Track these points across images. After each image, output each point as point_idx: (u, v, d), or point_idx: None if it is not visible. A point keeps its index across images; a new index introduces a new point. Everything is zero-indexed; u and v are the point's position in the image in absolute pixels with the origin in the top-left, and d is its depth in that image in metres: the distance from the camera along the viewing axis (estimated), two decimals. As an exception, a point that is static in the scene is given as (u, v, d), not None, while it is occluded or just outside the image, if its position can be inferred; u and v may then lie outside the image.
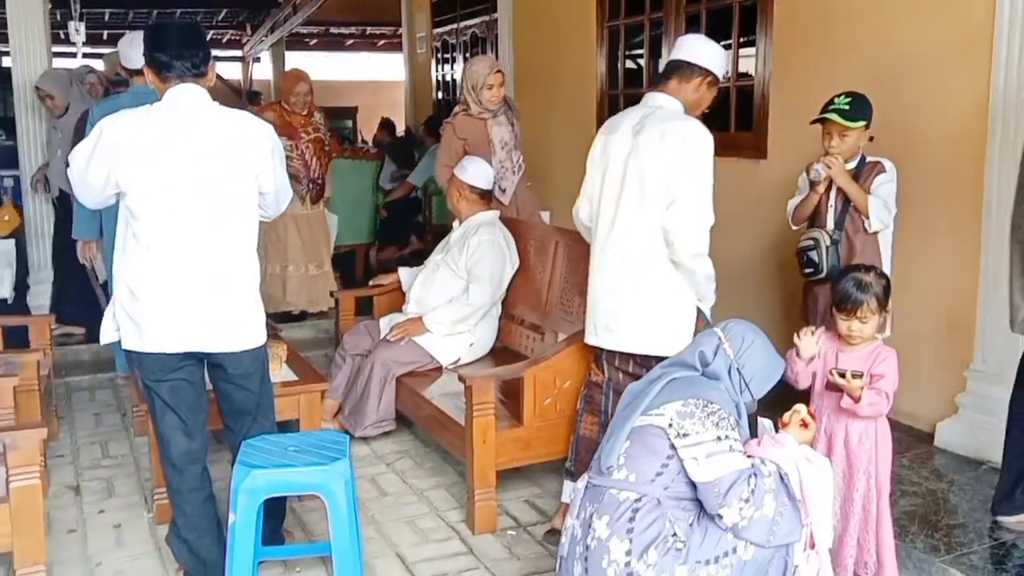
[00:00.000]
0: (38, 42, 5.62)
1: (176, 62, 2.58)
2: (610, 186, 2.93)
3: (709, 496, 2.18)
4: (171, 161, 2.53)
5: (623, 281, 2.90)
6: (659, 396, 2.29)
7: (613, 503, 2.24)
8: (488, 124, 4.52)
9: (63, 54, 10.41)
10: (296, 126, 5.42)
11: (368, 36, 15.81)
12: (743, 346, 2.38)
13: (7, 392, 3.08)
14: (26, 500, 2.57)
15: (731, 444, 2.21)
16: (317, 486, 2.57)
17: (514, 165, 4.61)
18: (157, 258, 2.56)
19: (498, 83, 4.47)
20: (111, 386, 4.89)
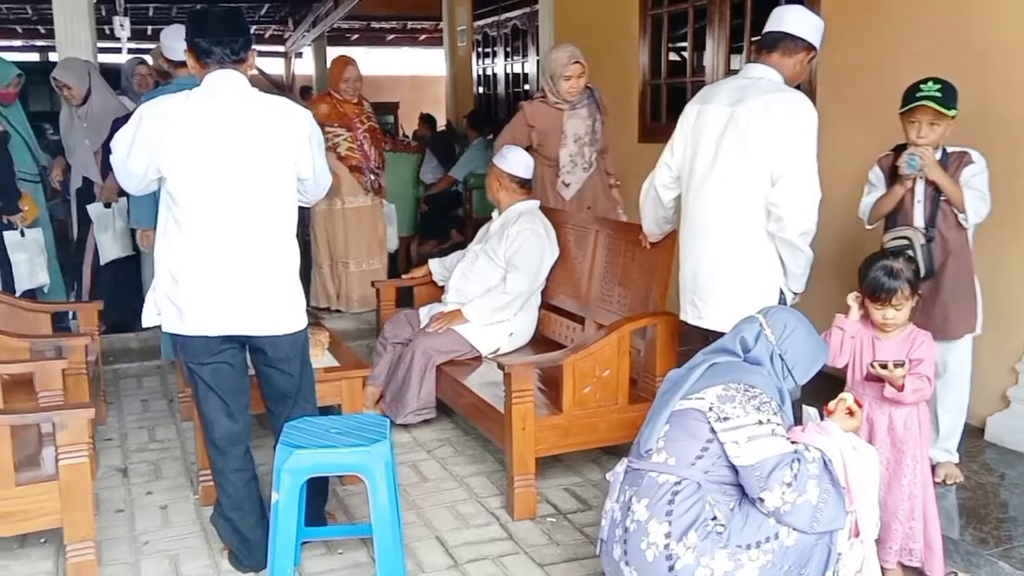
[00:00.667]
0: (84, 37, 5.73)
1: (216, 48, 2.60)
2: (703, 158, 2.88)
3: (751, 480, 2.17)
4: (210, 146, 2.56)
5: (713, 257, 2.86)
6: (700, 381, 2.29)
7: (652, 486, 2.24)
8: (564, 115, 4.40)
9: (108, 49, 10.61)
10: (351, 116, 5.35)
11: (409, 31, 15.89)
12: (785, 332, 2.36)
13: (56, 375, 3.14)
14: (75, 478, 2.63)
15: (773, 428, 2.19)
16: (358, 467, 2.59)
17: (586, 161, 4.46)
18: (197, 242, 2.60)
19: (576, 74, 4.34)
20: (158, 373, 4.99)
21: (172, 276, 2.63)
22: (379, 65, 18.61)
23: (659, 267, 3.44)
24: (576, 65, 4.34)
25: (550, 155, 4.51)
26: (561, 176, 4.46)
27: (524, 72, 8.04)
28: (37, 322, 4.01)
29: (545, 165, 4.54)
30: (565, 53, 4.40)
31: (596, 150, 4.49)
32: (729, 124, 2.81)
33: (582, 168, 4.47)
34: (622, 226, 3.86)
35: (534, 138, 4.48)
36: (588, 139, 4.45)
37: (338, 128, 5.28)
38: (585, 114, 4.43)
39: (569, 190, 4.48)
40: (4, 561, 2.91)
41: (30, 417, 2.76)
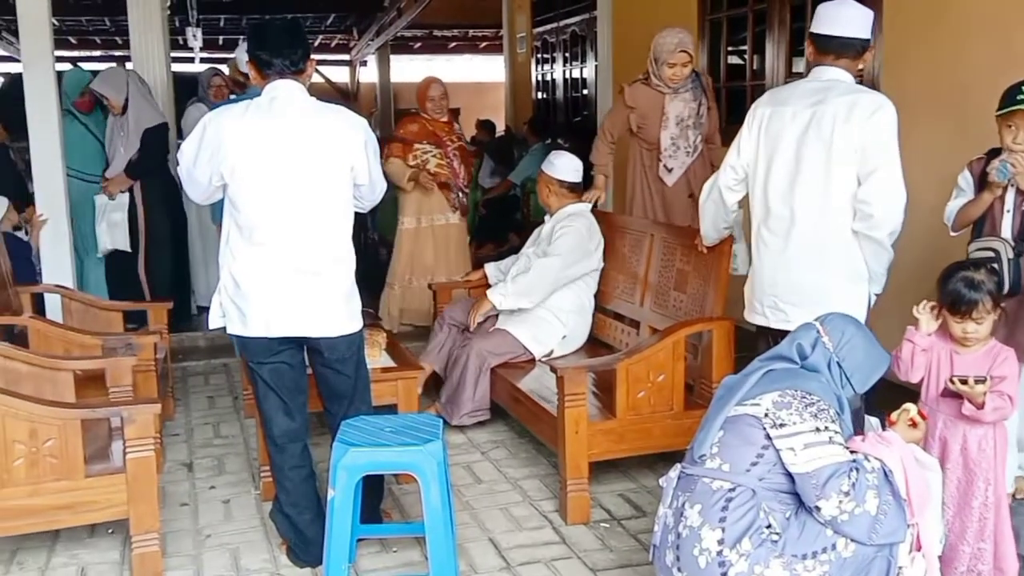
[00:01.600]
0: (157, 48, 5.93)
1: (275, 59, 2.70)
2: (783, 159, 2.85)
3: (807, 488, 2.13)
4: (268, 152, 2.65)
5: (803, 259, 2.83)
6: (755, 387, 2.25)
7: (706, 492, 2.22)
8: (667, 97, 4.27)
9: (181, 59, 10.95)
10: (440, 134, 5.31)
11: (470, 38, 16.03)
12: (843, 339, 2.32)
13: (126, 371, 3.25)
14: (141, 471, 2.73)
15: (831, 436, 2.15)
16: (411, 466, 2.63)
17: (689, 145, 4.30)
18: (257, 246, 2.68)
19: (681, 63, 4.19)
20: (224, 370, 5.14)
21: (234, 279, 2.73)
22: (440, 72, 18.82)
23: (716, 271, 3.42)
24: (682, 54, 4.19)
25: (650, 138, 4.39)
26: (663, 160, 4.31)
27: (583, 77, 8.06)
28: (109, 320, 4.18)
29: (644, 148, 4.45)
30: (673, 39, 4.21)
31: (701, 135, 4.33)
32: (811, 125, 2.78)
33: (685, 152, 4.31)
34: (678, 230, 3.84)
35: (633, 120, 4.36)
36: (692, 122, 4.28)
37: (427, 145, 5.25)
38: (689, 97, 4.28)
39: (671, 175, 4.34)
40: (74, 550, 3.03)
41: (100, 411, 2.85)
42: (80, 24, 12.55)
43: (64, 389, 3.11)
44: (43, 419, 2.64)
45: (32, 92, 4.72)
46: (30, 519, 2.69)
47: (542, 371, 3.89)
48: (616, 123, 4.41)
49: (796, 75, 4.88)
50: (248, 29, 2.89)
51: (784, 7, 4.91)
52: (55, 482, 2.67)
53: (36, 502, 2.66)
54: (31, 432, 2.63)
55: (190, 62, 11.73)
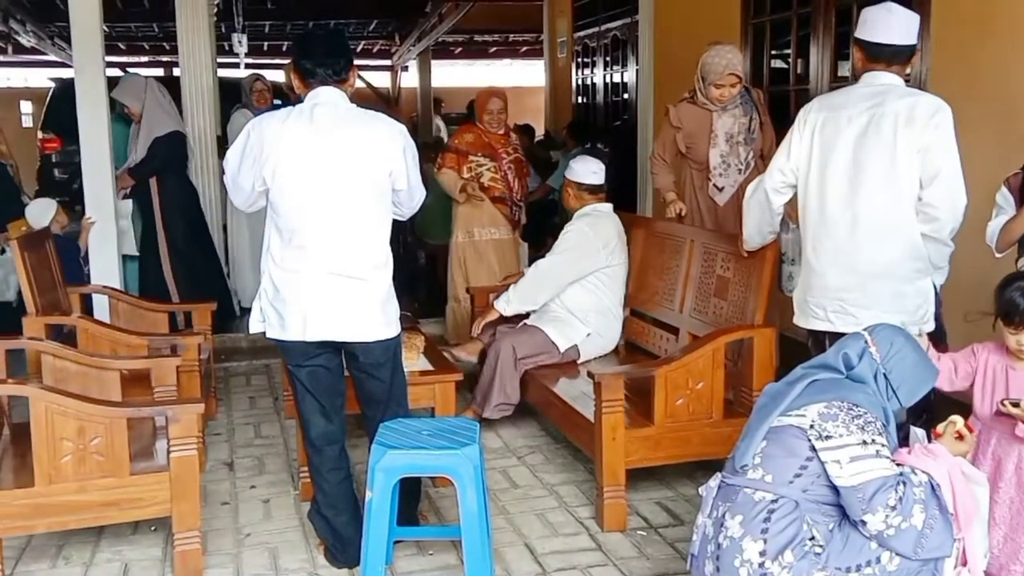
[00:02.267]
0: (204, 54, 6.04)
1: (319, 69, 2.75)
2: (839, 164, 2.82)
3: (853, 501, 2.10)
4: (307, 156, 2.69)
5: (870, 260, 2.80)
6: (800, 397, 2.22)
7: (748, 502, 2.19)
8: (714, 115, 4.13)
9: (227, 64, 11.13)
10: (496, 146, 5.14)
11: (511, 43, 16.07)
12: (891, 350, 2.27)
13: (171, 371, 3.31)
14: (184, 469, 2.77)
15: (877, 449, 2.11)
16: (448, 469, 2.65)
17: (740, 162, 4.13)
18: (295, 250, 2.72)
19: (729, 84, 4.05)
20: (265, 372, 5.22)
21: (273, 284, 2.78)
22: (480, 77, 18.90)
23: (758, 278, 3.38)
24: (731, 76, 4.04)
25: (699, 158, 4.23)
26: (713, 179, 4.15)
27: (624, 81, 8.03)
28: (155, 321, 4.27)
29: (693, 169, 4.31)
30: (722, 60, 4.05)
31: (752, 151, 4.14)
32: (870, 128, 2.76)
33: (736, 169, 4.13)
34: (719, 236, 3.80)
35: (680, 141, 4.22)
36: (743, 138, 4.12)
37: (482, 158, 5.09)
38: (739, 112, 4.13)
39: (723, 195, 4.16)
40: (118, 546, 3.09)
41: (145, 410, 2.92)
42: (129, 30, 12.81)
43: (111, 388, 3.17)
44: (91, 417, 2.70)
45: (83, 97, 4.83)
46: (77, 515, 2.75)
47: (579, 376, 3.88)
48: (666, 145, 4.30)
49: (841, 79, 4.82)
50: (293, 39, 2.91)
51: (829, 11, 4.84)
52: (101, 479, 2.73)
53: (83, 498, 2.73)
54: (79, 430, 2.69)
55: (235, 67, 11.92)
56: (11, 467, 2.89)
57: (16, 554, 3.01)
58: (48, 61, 14.39)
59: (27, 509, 2.69)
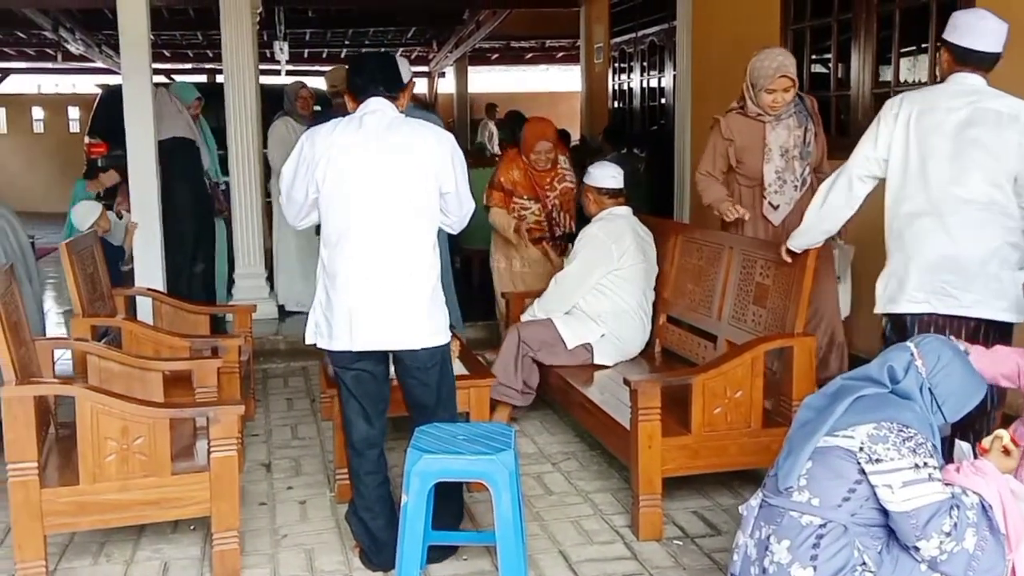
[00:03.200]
0: (247, 61, 6.12)
1: (370, 86, 2.85)
2: (943, 153, 2.87)
3: (905, 527, 2.06)
4: (355, 160, 2.75)
5: (971, 245, 2.82)
6: (847, 415, 2.16)
7: (794, 527, 2.15)
8: (767, 126, 3.86)
9: (268, 71, 11.29)
10: (543, 185, 4.85)
11: (547, 49, 16.09)
12: (938, 365, 2.22)
13: (212, 373, 3.36)
14: (224, 470, 2.81)
15: (930, 472, 2.07)
16: (483, 474, 2.65)
17: (797, 178, 3.85)
18: (344, 259, 2.76)
19: (782, 88, 3.76)
20: (303, 373, 5.28)
21: (325, 292, 2.84)
22: (516, 82, 18.96)
23: (798, 286, 3.35)
24: (783, 79, 3.75)
25: (752, 173, 3.93)
26: (768, 197, 3.86)
27: (660, 87, 8.01)
28: (196, 323, 4.34)
29: (744, 186, 3.99)
30: (772, 63, 3.77)
31: (808, 164, 3.88)
32: (973, 120, 2.83)
33: (792, 186, 3.85)
34: (759, 243, 3.76)
35: (731, 154, 3.93)
36: (798, 152, 3.85)
37: (527, 200, 4.85)
38: (793, 123, 3.84)
39: (777, 213, 3.87)
40: (158, 544, 3.14)
41: (187, 411, 2.97)
42: (174, 38, 13.05)
43: (153, 389, 3.23)
44: (134, 417, 2.76)
45: (130, 103, 4.93)
46: (119, 513, 2.80)
47: (612, 381, 3.87)
48: (716, 159, 3.99)
49: (883, 84, 4.77)
50: (348, 62, 3.05)
51: (871, 17, 4.79)
52: (143, 478, 2.78)
53: (125, 497, 2.78)
54: (123, 430, 2.74)
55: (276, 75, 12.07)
56: (56, 465, 2.95)
57: (59, 551, 3.06)
58: (96, 68, 14.71)
59: (71, 507, 2.74)
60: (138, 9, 4.91)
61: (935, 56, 3.15)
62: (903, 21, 4.57)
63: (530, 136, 4.81)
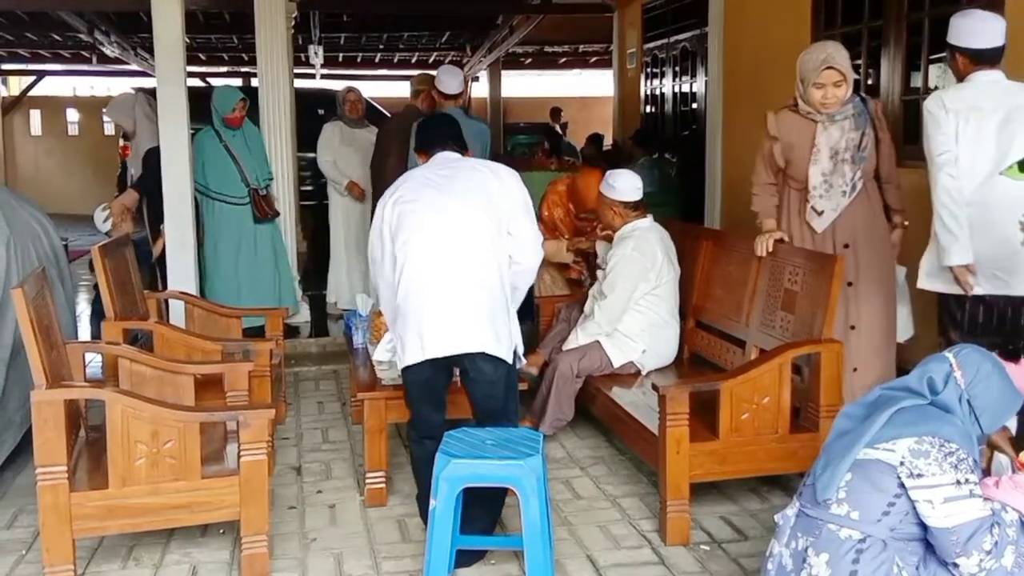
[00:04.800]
0: (281, 64, 6.19)
1: (438, 141, 3.20)
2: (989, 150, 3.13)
3: (945, 543, 2.04)
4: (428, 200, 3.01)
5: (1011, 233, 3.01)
6: (887, 428, 2.13)
7: (833, 540, 2.13)
8: (819, 126, 3.59)
9: (303, 75, 11.40)
10: (583, 232, 4.99)
11: (580, 54, 16.08)
12: (978, 376, 2.18)
13: (243, 376, 3.39)
14: (254, 474, 2.83)
15: (971, 489, 2.05)
16: (511, 479, 2.66)
17: (846, 183, 3.57)
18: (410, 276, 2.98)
19: (830, 81, 3.49)
20: (334, 377, 5.31)
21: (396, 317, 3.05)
22: (550, 87, 18.96)
23: (825, 292, 3.31)
24: (830, 71, 3.47)
25: (799, 175, 3.67)
26: (811, 201, 3.61)
27: (692, 92, 7.97)
28: (229, 326, 4.38)
29: (792, 188, 3.74)
30: (819, 56, 3.52)
31: (861, 171, 3.58)
32: (1012, 118, 3.10)
33: (840, 192, 3.58)
34: (787, 249, 3.71)
35: (778, 153, 3.69)
36: (851, 156, 3.56)
37: (566, 241, 4.95)
38: (849, 125, 3.57)
39: (821, 220, 3.62)
40: (187, 548, 3.16)
41: (218, 415, 3.00)
42: (209, 41, 13.22)
43: (184, 392, 3.27)
44: (164, 421, 2.78)
45: (165, 106, 5.01)
46: (149, 517, 2.83)
47: (644, 387, 3.85)
48: (766, 160, 3.74)
49: (913, 90, 4.72)
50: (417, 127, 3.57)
51: (900, 24, 4.74)
52: (173, 482, 2.81)
53: (155, 500, 2.80)
54: (152, 433, 2.77)
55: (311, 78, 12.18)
56: (86, 469, 2.98)
57: (88, 554, 3.09)
58: (131, 71, 14.93)
59: (101, 510, 2.77)
60: (173, 13, 4.99)
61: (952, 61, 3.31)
62: (932, 29, 4.52)
63: (589, 195, 4.72)
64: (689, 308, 4.25)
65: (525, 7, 10.85)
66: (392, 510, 3.45)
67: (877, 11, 4.96)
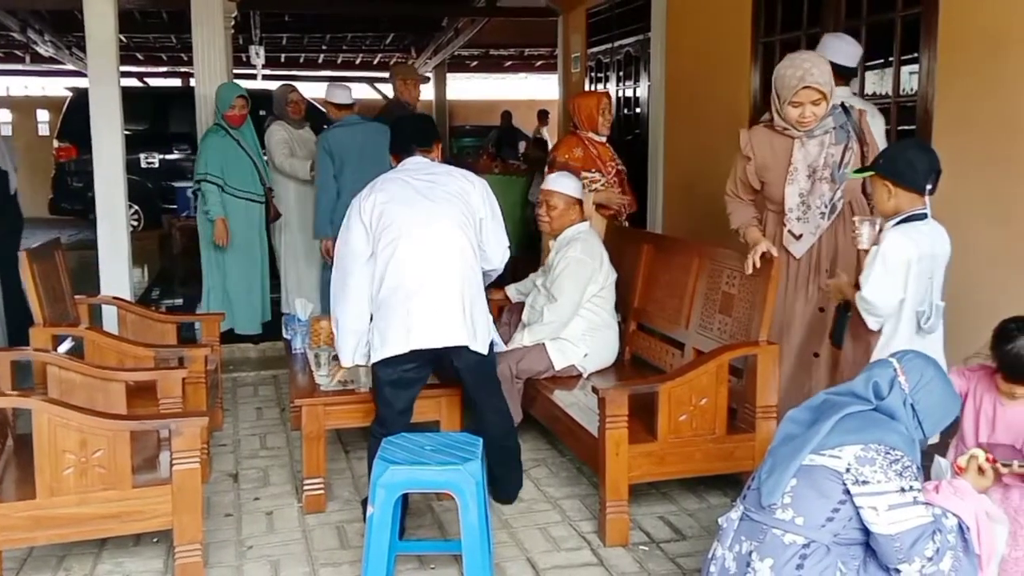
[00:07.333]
0: (220, 65, 6.10)
1: (411, 143, 3.37)
2: None
3: (889, 550, 2.08)
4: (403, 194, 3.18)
5: None
6: (833, 435, 2.16)
7: (778, 546, 2.15)
8: (796, 142, 3.32)
9: (244, 76, 11.23)
10: (604, 159, 4.88)
11: (526, 58, 16.15)
12: (921, 382, 2.22)
13: (176, 383, 3.32)
14: (186, 482, 2.78)
15: (915, 496, 2.09)
16: (449, 484, 2.65)
17: (824, 204, 3.29)
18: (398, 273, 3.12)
19: (808, 101, 3.20)
20: (273, 382, 5.23)
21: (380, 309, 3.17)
22: (495, 90, 19.01)
23: (762, 295, 3.37)
24: (808, 91, 3.19)
25: (775, 196, 3.41)
26: (788, 224, 3.35)
27: (636, 96, 8.05)
28: (163, 332, 4.29)
29: (770, 210, 3.49)
30: (796, 71, 3.20)
31: (841, 189, 3.28)
32: None
33: (819, 213, 3.29)
34: (725, 252, 3.77)
35: (751, 174, 3.42)
36: (830, 173, 3.27)
37: (595, 173, 4.83)
38: (829, 140, 3.28)
39: (800, 244, 3.35)
40: (120, 557, 3.09)
41: (148, 424, 2.92)
42: (147, 41, 12.95)
43: (116, 399, 3.19)
44: (93, 430, 2.71)
45: (97, 106, 4.89)
46: (78, 527, 2.75)
47: (583, 390, 3.87)
48: (738, 179, 3.50)
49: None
50: (391, 125, 3.63)
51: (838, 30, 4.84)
52: (103, 491, 2.74)
53: (84, 511, 2.73)
54: (81, 442, 2.70)
55: (252, 79, 12.01)
56: (13, 479, 2.90)
57: (17, 565, 3.01)
58: (66, 71, 14.57)
59: (28, 521, 2.69)
60: (105, 10, 4.87)
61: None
62: (869, 35, 4.63)
63: (592, 100, 4.96)
64: (630, 311, 4.28)
65: (470, 10, 10.86)
66: (330, 516, 3.42)
67: (815, 18, 5.06)
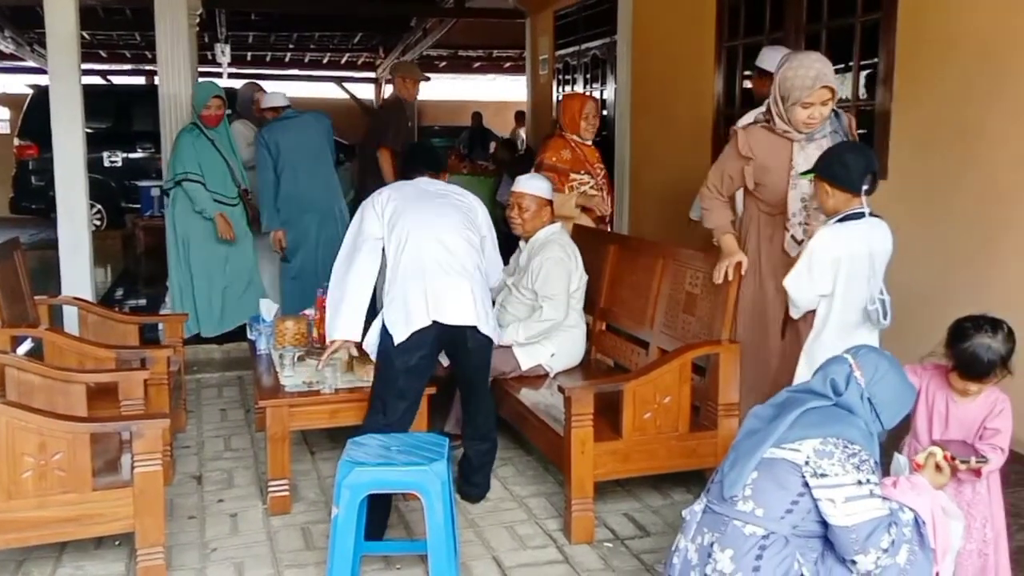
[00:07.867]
0: (184, 63, 6.02)
1: (421, 166, 3.68)
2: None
3: (845, 541, 2.12)
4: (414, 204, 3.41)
5: None
6: (794, 429, 2.20)
7: (738, 536, 2.19)
8: (795, 145, 3.26)
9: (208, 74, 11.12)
10: (592, 162, 4.92)
11: (494, 59, 16.16)
12: (876, 375, 2.26)
13: (138, 385, 3.28)
14: (148, 485, 2.75)
15: (871, 489, 2.13)
16: (415, 485, 2.65)
17: None
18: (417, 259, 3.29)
19: (820, 100, 3.15)
20: (238, 383, 5.18)
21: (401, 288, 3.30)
22: (463, 91, 18.99)
23: (724, 295, 3.41)
24: (824, 90, 3.14)
25: (771, 199, 3.35)
26: (790, 230, 3.31)
27: (603, 98, 8.10)
28: (125, 333, 4.23)
29: (763, 212, 3.41)
30: (810, 71, 3.13)
31: None
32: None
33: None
34: (689, 253, 3.81)
35: (749, 174, 3.36)
36: None
37: (584, 175, 4.89)
38: (827, 143, 3.24)
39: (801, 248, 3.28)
40: (80, 561, 3.06)
41: (108, 426, 2.89)
42: (111, 38, 12.78)
43: (76, 401, 3.14)
44: (52, 433, 2.68)
45: (58, 104, 4.82)
46: (37, 531, 2.72)
47: (550, 388, 3.89)
48: (726, 177, 3.44)
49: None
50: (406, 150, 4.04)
51: (799, 35, 4.94)
52: (62, 495, 2.70)
53: (43, 514, 2.69)
54: (40, 445, 2.66)
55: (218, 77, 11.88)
56: (-29, 482, 2.84)
57: (-25, 569, 2.97)
58: (27, 67, 14.32)
59: (-15, 524, 2.64)
60: (66, 6, 4.79)
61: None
62: (829, 40, 4.71)
63: (576, 103, 5.02)
64: (597, 311, 4.31)
65: (438, 10, 10.84)
66: (296, 518, 3.40)
67: (778, 22, 5.14)
